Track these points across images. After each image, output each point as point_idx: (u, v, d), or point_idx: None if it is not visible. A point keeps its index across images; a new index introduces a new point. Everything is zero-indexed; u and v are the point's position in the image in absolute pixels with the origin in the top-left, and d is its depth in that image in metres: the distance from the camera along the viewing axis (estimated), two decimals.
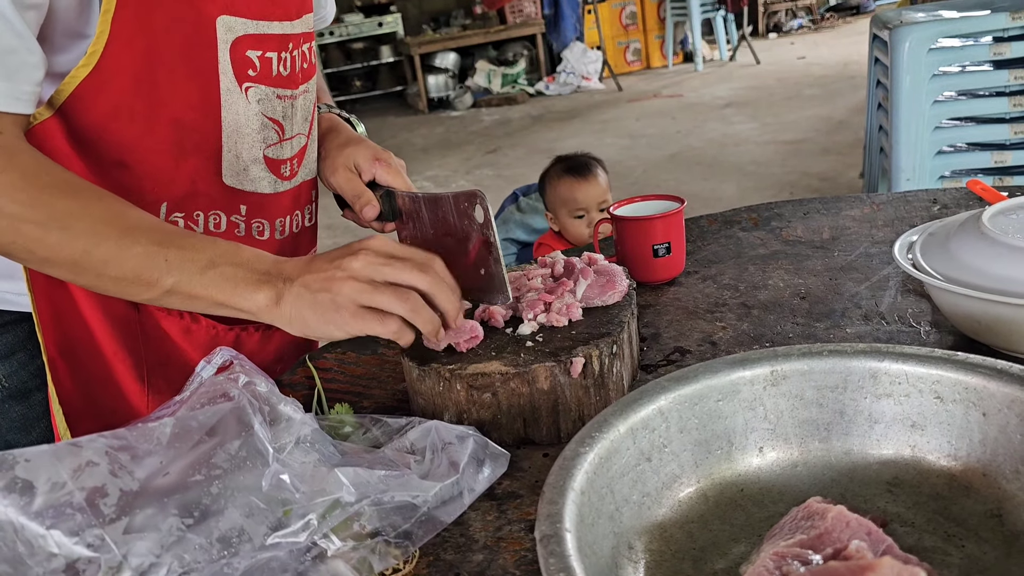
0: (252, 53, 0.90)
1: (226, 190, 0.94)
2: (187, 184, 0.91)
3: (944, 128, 2.52)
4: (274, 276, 0.79)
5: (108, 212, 0.77)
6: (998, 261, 0.78)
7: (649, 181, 4.81)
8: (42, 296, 0.89)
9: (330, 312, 0.76)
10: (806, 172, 4.49)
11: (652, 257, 1.07)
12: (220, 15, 0.85)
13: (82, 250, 0.76)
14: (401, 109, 8.85)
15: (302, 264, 0.79)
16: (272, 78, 0.93)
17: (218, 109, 0.89)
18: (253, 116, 0.93)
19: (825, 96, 6.28)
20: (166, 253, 0.77)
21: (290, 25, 0.94)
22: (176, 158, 0.89)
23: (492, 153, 6.17)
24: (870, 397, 0.64)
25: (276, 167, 0.98)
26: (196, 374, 0.78)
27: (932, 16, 2.54)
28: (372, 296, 0.75)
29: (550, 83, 8.39)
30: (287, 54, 0.94)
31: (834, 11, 10.54)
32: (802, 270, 1.08)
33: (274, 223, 1.01)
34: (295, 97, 0.97)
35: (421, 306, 0.76)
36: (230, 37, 0.87)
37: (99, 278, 0.79)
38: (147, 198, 0.89)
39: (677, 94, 7.35)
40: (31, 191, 0.75)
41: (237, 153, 0.93)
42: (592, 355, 0.77)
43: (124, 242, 0.76)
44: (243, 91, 0.91)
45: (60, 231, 0.75)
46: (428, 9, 9.81)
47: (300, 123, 0.99)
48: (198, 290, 0.78)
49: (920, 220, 1.18)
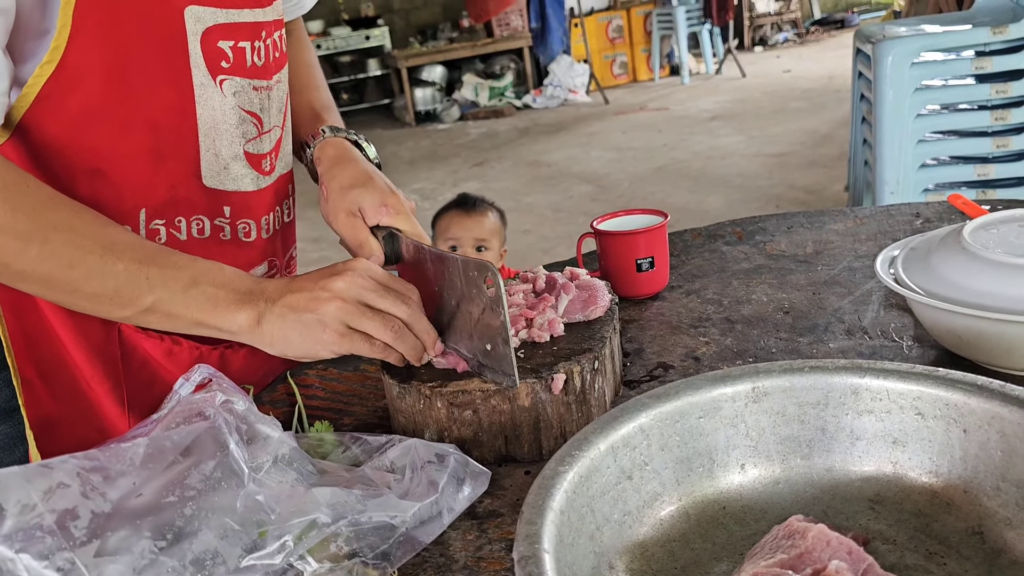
0: (224, 44, 0.87)
1: (207, 192, 0.92)
2: (166, 189, 0.89)
3: (927, 141, 2.54)
4: (256, 296, 0.78)
5: (89, 227, 0.76)
6: (978, 276, 0.78)
7: (635, 194, 4.83)
8: (12, 317, 0.87)
9: (316, 331, 0.76)
10: (792, 185, 4.52)
11: (636, 272, 1.07)
12: (188, 5, 0.83)
13: (64, 264, 0.74)
14: (388, 122, 8.86)
15: (283, 284, 0.79)
16: (247, 69, 0.90)
17: (193, 106, 0.87)
18: (230, 110, 0.90)
19: (811, 109, 6.33)
20: (148, 271, 0.76)
21: (261, 12, 0.91)
22: (153, 162, 0.87)
23: (479, 166, 6.18)
24: (851, 413, 0.64)
25: (257, 162, 0.96)
26: (174, 392, 0.77)
27: (914, 31, 2.56)
28: (359, 320, 0.76)
29: (537, 96, 8.42)
30: (260, 43, 0.92)
31: (819, 25, 10.64)
32: (786, 284, 1.08)
33: (260, 222, 0.99)
34: (270, 88, 0.95)
35: (405, 332, 0.77)
36: (200, 28, 0.85)
37: (74, 294, 0.77)
38: (125, 206, 0.87)
39: (663, 107, 7.39)
40: (12, 201, 0.73)
41: (216, 151, 0.91)
42: (573, 371, 0.76)
43: (107, 258, 0.75)
44: (218, 84, 0.88)
45: (41, 244, 0.74)
46: (415, 22, 9.83)
47: (276, 115, 0.97)
48: (179, 309, 0.77)
49: (903, 234, 1.19)
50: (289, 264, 1.10)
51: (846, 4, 11.25)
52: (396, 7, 9.83)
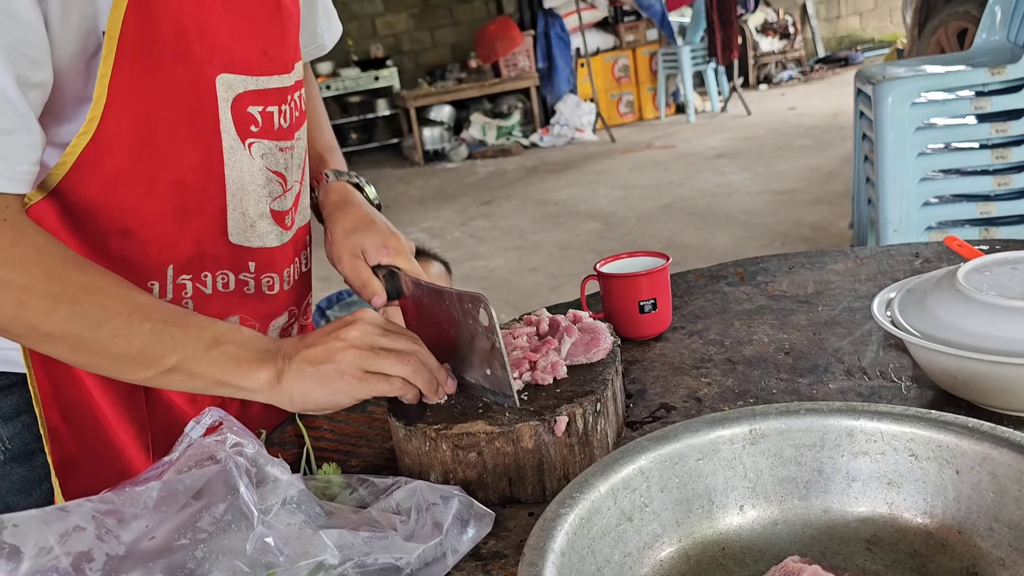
0: (253, 109, 0.91)
1: (233, 248, 0.95)
2: (192, 246, 0.92)
3: (930, 180, 2.56)
4: (274, 354, 0.82)
5: (117, 288, 0.80)
6: (973, 318, 0.79)
7: (642, 231, 4.86)
8: (39, 366, 0.89)
9: (335, 381, 0.80)
10: (798, 222, 4.54)
11: (638, 313, 1.09)
12: (220, 73, 0.87)
13: (92, 324, 0.77)
14: (397, 161, 8.95)
15: (297, 341, 0.83)
16: (274, 132, 0.94)
17: (221, 168, 0.90)
18: (258, 171, 0.94)
19: (816, 146, 6.38)
20: (172, 331, 0.79)
21: (288, 77, 0.95)
22: (180, 220, 0.90)
23: (487, 204, 6.23)
24: (847, 455, 0.65)
25: (281, 219, 0.99)
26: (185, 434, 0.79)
27: (914, 71, 2.60)
28: (376, 361, 0.80)
29: (544, 135, 8.51)
30: (286, 106, 0.96)
31: (823, 63, 10.74)
32: (786, 325, 1.10)
33: (282, 275, 1.02)
34: (292, 147, 0.98)
35: (421, 367, 0.81)
36: (230, 95, 0.88)
37: (99, 355, 0.80)
38: (152, 262, 0.90)
39: (670, 145, 7.45)
40: (44, 265, 0.76)
41: (243, 210, 0.94)
42: (576, 413, 0.78)
43: (134, 318, 0.78)
44: (247, 147, 0.92)
45: (71, 304, 0.76)
46: (424, 63, 9.99)
47: (296, 171, 1.01)
48: (202, 368, 0.80)
49: (903, 274, 1.20)
50: (306, 311, 1.13)
51: (849, 42, 11.37)
52: (405, 48, 9.99)
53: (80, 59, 0.80)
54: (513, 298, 4.07)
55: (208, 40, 0.85)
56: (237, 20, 0.87)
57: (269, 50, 0.91)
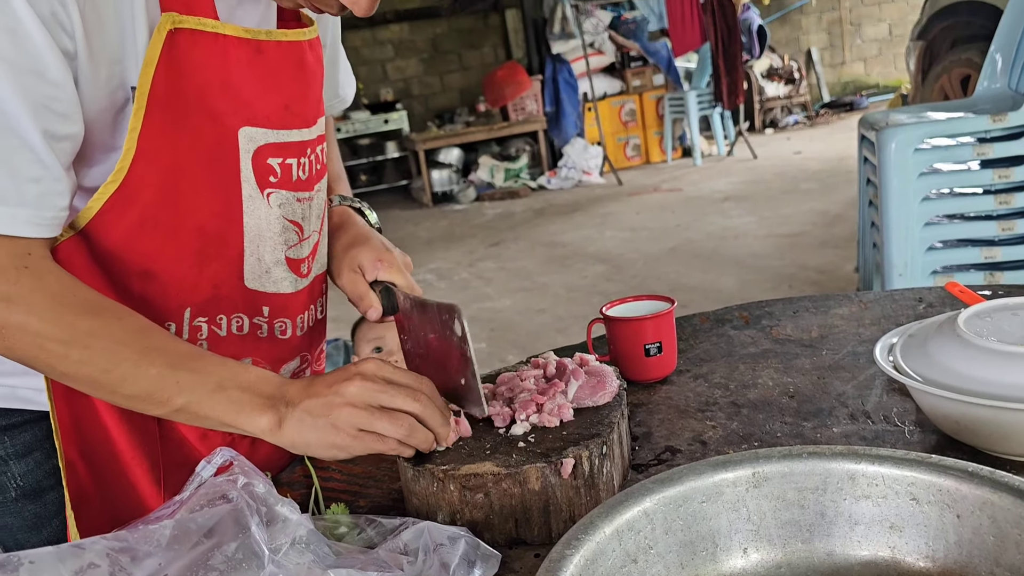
0: (273, 160, 0.94)
1: (248, 293, 0.98)
2: (210, 289, 0.95)
3: (934, 224, 2.58)
4: (277, 400, 0.84)
5: (127, 332, 0.83)
6: (973, 363, 0.80)
7: (649, 274, 4.88)
8: (61, 400, 0.92)
9: (332, 436, 0.83)
10: (804, 265, 4.56)
11: (644, 356, 1.10)
12: (242, 127, 0.90)
13: (101, 369, 0.81)
14: (406, 203, 9.03)
15: (303, 388, 0.85)
16: (292, 183, 0.97)
17: (240, 215, 0.94)
18: (275, 220, 0.97)
19: (822, 190, 6.42)
20: (178, 375, 0.83)
21: (307, 132, 0.99)
22: (199, 264, 0.93)
23: (495, 246, 6.27)
24: (849, 498, 0.66)
25: (296, 266, 1.02)
26: (196, 474, 0.80)
27: (916, 118, 2.63)
28: (371, 422, 0.82)
29: (552, 177, 8.58)
30: (305, 159, 0.99)
31: (828, 108, 10.85)
32: (791, 369, 1.11)
33: (295, 320, 1.04)
34: (311, 198, 1.01)
35: (416, 428, 0.82)
36: (252, 147, 0.92)
37: (113, 395, 0.84)
38: (171, 304, 0.93)
39: (676, 188, 7.51)
40: (57, 310, 0.80)
41: (259, 256, 0.97)
42: (582, 456, 0.79)
43: (141, 363, 0.81)
44: (265, 197, 0.95)
45: (82, 350, 0.80)
46: (433, 106, 10.13)
47: (315, 221, 1.04)
48: (207, 411, 0.84)
49: (907, 319, 1.21)
50: (319, 358, 1.15)
51: (854, 87, 11.49)
52: (415, 92, 10.14)
53: (108, 112, 0.84)
54: (520, 339, 4.08)
55: (232, 95, 0.89)
56: (260, 76, 0.91)
57: (290, 105, 0.95)
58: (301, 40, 0.96)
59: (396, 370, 0.86)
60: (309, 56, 0.98)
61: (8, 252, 0.78)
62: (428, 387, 0.86)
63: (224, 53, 0.87)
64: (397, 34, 9.93)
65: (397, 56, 10.02)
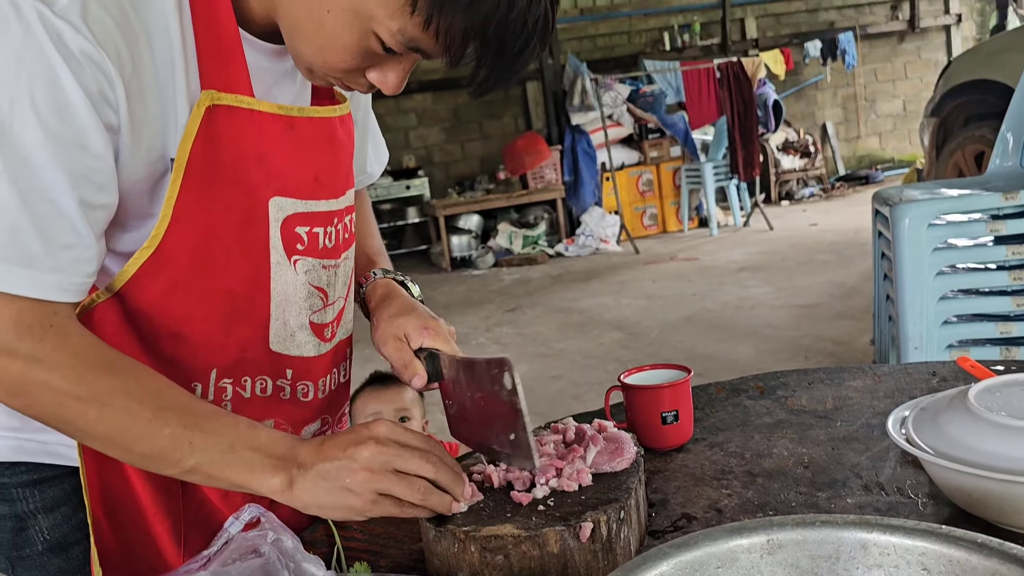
0: (301, 229, 0.98)
1: (273, 356, 1.01)
2: (236, 352, 0.98)
3: (949, 299, 2.60)
4: (288, 461, 0.86)
5: (145, 392, 0.85)
6: (984, 437, 0.82)
7: (665, 342, 4.88)
8: (91, 456, 0.94)
9: (348, 499, 0.84)
10: (820, 336, 4.56)
11: (661, 424, 1.12)
12: (273, 196, 0.94)
13: (117, 427, 0.83)
14: (425, 267, 9.13)
15: (315, 449, 0.86)
16: (319, 251, 1.01)
17: (268, 281, 0.97)
18: (300, 286, 1.00)
19: (838, 262, 6.44)
20: (191, 436, 0.84)
21: (336, 202, 1.02)
22: (227, 327, 0.96)
23: (512, 312, 6.31)
24: (862, 568, 0.67)
25: (320, 331, 1.05)
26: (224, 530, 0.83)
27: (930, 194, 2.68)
28: (388, 486, 0.83)
29: (569, 245, 8.67)
30: (332, 228, 1.02)
31: (844, 181, 10.94)
32: (805, 439, 1.13)
33: (317, 384, 1.07)
34: (338, 266, 1.05)
35: (431, 490, 0.84)
36: (281, 216, 0.96)
37: (128, 453, 0.86)
38: (198, 365, 0.96)
39: (693, 257, 7.56)
40: (79, 369, 0.82)
41: (285, 321, 1.00)
42: (600, 520, 0.81)
43: (156, 423, 0.83)
44: (292, 263, 0.98)
45: (100, 408, 0.82)
46: (454, 174, 10.32)
47: (340, 288, 1.07)
48: (218, 472, 0.85)
49: (920, 392, 1.23)
50: (340, 420, 1.17)
51: (869, 161, 11.61)
52: (436, 160, 10.35)
53: (146, 182, 0.89)
54: (536, 406, 4.07)
55: (265, 166, 0.93)
56: (292, 150, 0.95)
57: (320, 177, 0.99)
58: (332, 116, 1.01)
59: (407, 432, 0.88)
60: (340, 131, 1.03)
61: (35, 313, 0.81)
62: (439, 449, 0.88)
63: (259, 128, 0.92)
64: (421, 103, 10.19)
65: (420, 124, 10.27)
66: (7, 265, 0.78)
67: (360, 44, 0.84)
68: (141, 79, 0.83)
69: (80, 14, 0.77)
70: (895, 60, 11.63)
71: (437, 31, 0.79)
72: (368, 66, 0.88)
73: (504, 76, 0.85)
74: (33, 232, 0.79)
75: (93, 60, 0.78)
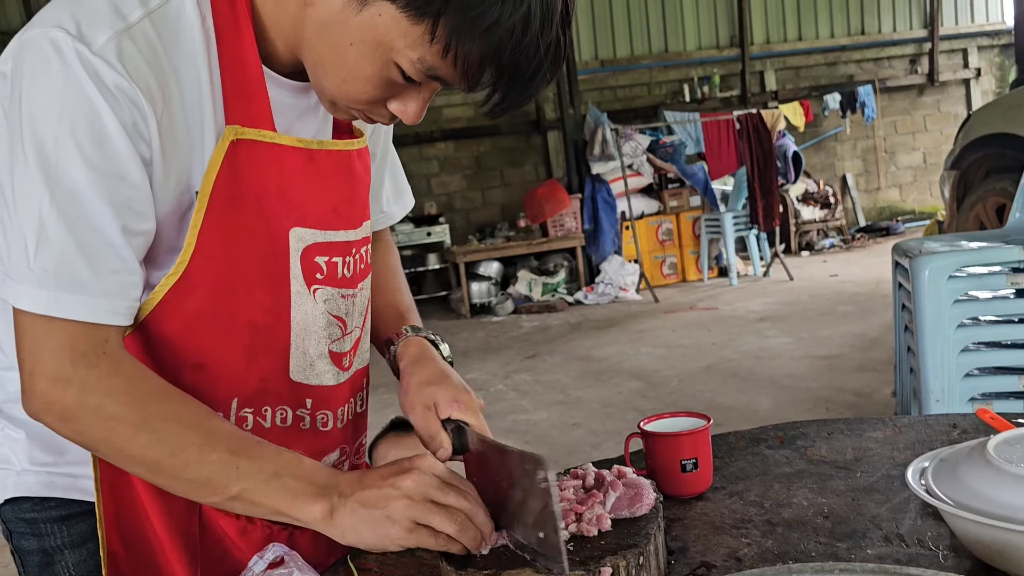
0: (320, 259, 1.01)
1: (293, 385, 1.03)
2: (257, 381, 1.00)
3: (971, 352, 2.59)
4: (330, 490, 0.88)
5: (193, 418, 0.88)
6: (1004, 489, 0.83)
7: (685, 391, 4.86)
8: (108, 492, 0.96)
9: (386, 527, 0.85)
10: (841, 388, 4.52)
11: (680, 472, 1.13)
12: (293, 227, 0.98)
13: (167, 452, 0.86)
14: (444, 313, 9.16)
15: (356, 479, 0.89)
16: (337, 280, 1.04)
17: (288, 310, 1.00)
18: (320, 315, 1.03)
19: (859, 313, 6.41)
20: (238, 461, 0.87)
21: (353, 233, 1.06)
22: (248, 357, 0.99)
23: (530, 359, 6.31)
24: None
25: (339, 360, 1.07)
26: (248, 568, 0.84)
27: (950, 246, 2.68)
28: (426, 516, 0.85)
29: (589, 293, 8.68)
30: (350, 258, 1.05)
31: (864, 232, 10.93)
32: (825, 489, 1.13)
33: (336, 413, 1.09)
34: (355, 295, 1.08)
35: (467, 525, 0.85)
36: (301, 246, 0.99)
37: (175, 479, 0.88)
38: (220, 396, 0.98)
39: (712, 307, 7.55)
40: (132, 394, 0.86)
41: (304, 350, 1.02)
42: (619, 565, 0.82)
43: (204, 448, 0.86)
44: (311, 293, 1.01)
45: (151, 433, 0.85)
46: (475, 221, 10.42)
47: (357, 317, 1.10)
48: (261, 498, 0.87)
49: (940, 444, 1.23)
50: (358, 451, 1.19)
51: (890, 213, 11.61)
52: (457, 207, 10.47)
53: (175, 215, 0.93)
54: (555, 453, 4.06)
55: (286, 198, 0.97)
56: (312, 182, 1.00)
57: (338, 208, 1.03)
58: (350, 149, 1.05)
59: (446, 469, 0.90)
60: (357, 164, 1.07)
61: (88, 339, 0.85)
62: (473, 491, 0.90)
63: (280, 161, 0.96)
64: (443, 151, 10.35)
65: (442, 172, 10.41)
66: (60, 292, 0.83)
67: (381, 75, 0.88)
68: (171, 115, 0.88)
69: (116, 52, 0.83)
70: (915, 113, 11.70)
71: (455, 58, 0.83)
72: (389, 96, 0.92)
73: (518, 100, 0.89)
74: (81, 260, 0.84)
75: (128, 95, 0.83)
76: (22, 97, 0.82)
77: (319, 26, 0.88)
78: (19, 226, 0.83)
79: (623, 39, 10.70)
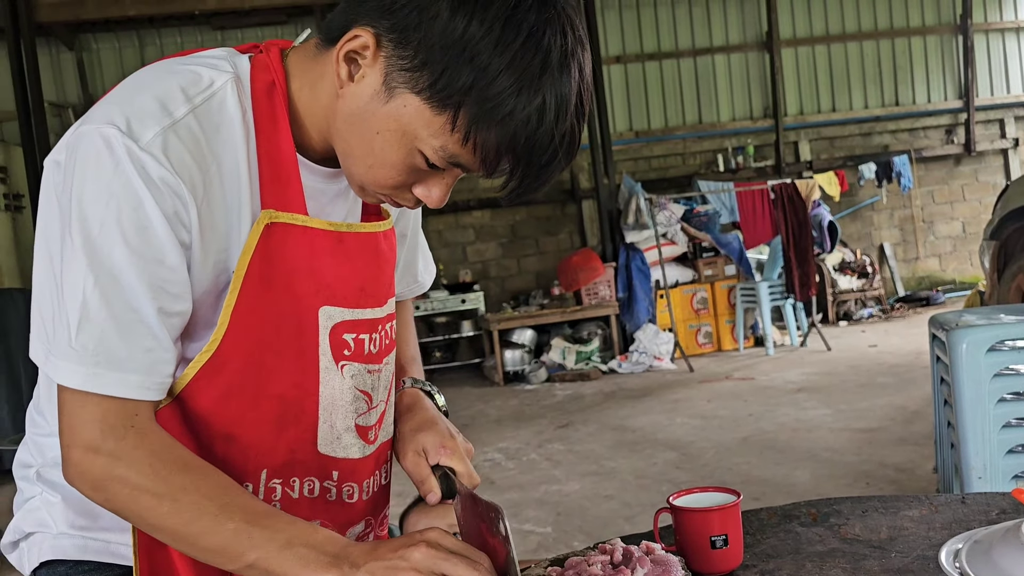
0: (348, 336, 1.05)
1: (320, 458, 1.06)
2: (286, 453, 1.04)
3: (1012, 427, 2.53)
4: (342, 560, 0.89)
5: (213, 489, 0.91)
6: None
7: (720, 463, 4.78)
8: (144, 555, 0.99)
9: None
10: (882, 462, 4.42)
11: (710, 548, 1.12)
12: (322, 306, 1.03)
13: (185, 521, 0.89)
14: (478, 380, 9.16)
15: (367, 550, 0.91)
16: (364, 356, 1.08)
17: (316, 385, 1.04)
18: (347, 390, 1.06)
19: (898, 385, 6.29)
20: (252, 531, 0.89)
21: (380, 310, 1.10)
22: (277, 430, 1.02)
23: (564, 428, 6.26)
24: None
25: (364, 433, 1.10)
26: None
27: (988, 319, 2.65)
28: None
29: (623, 361, 8.64)
30: (376, 334, 1.10)
31: (903, 302, 10.78)
32: (859, 570, 1.11)
33: (362, 485, 1.12)
34: (380, 370, 1.11)
35: None
36: (329, 324, 1.03)
37: (192, 547, 0.91)
38: (249, 466, 1.02)
39: (748, 377, 7.46)
40: (156, 466, 0.90)
41: (332, 423, 1.06)
42: None
43: (220, 518, 0.89)
44: (339, 368, 1.05)
45: (171, 503, 0.89)
46: (509, 288, 10.49)
47: (383, 392, 1.13)
48: (275, 567, 0.89)
49: (978, 524, 1.21)
50: (382, 523, 1.21)
51: (930, 283, 11.45)
52: (492, 274, 10.55)
53: (211, 294, 0.98)
54: (587, 525, 4.01)
55: (315, 278, 1.02)
56: (340, 262, 1.05)
57: (365, 287, 1.08)
58: (377, 231, 1.11)
59: (457, 541, 0.92)
60: (383, 244, 1.12)
61: (119, 413, 0.90)
62: (486, 560, 0.90)
63: (311, 243, 1.01)
64: (479, 219, 10.49)
65: (477, 240, 10.54)
66: (98, 368, 0.88)
67: (406, 161, 0.94)
68: (211, 201, 0.95)
69: (161, 147, 0.90)
70: (952, 183, 11.63)
71: (474, 146, 0.90)
72: (414, 182, 0.98)
73: (533, 186, 0.94)
74: (118, 338, 0.89)
75: (171, 187, 0.90)
76: (73, 186, 0.89)
77: (348, 116, 0.94)
78: (65, 306, 0.89)
79: (657, 110, 10.86)
